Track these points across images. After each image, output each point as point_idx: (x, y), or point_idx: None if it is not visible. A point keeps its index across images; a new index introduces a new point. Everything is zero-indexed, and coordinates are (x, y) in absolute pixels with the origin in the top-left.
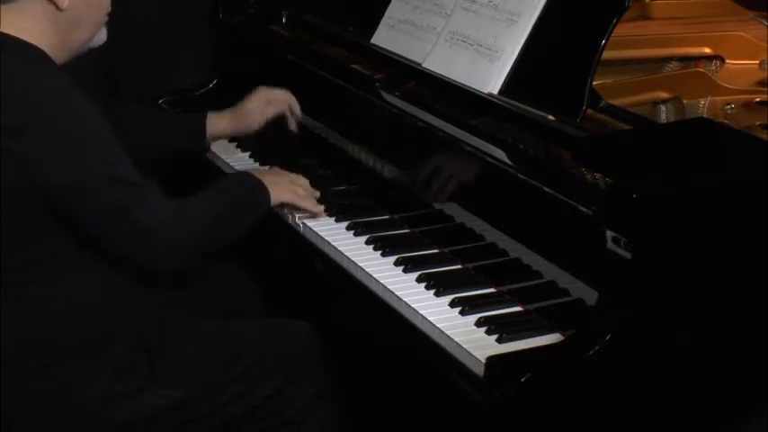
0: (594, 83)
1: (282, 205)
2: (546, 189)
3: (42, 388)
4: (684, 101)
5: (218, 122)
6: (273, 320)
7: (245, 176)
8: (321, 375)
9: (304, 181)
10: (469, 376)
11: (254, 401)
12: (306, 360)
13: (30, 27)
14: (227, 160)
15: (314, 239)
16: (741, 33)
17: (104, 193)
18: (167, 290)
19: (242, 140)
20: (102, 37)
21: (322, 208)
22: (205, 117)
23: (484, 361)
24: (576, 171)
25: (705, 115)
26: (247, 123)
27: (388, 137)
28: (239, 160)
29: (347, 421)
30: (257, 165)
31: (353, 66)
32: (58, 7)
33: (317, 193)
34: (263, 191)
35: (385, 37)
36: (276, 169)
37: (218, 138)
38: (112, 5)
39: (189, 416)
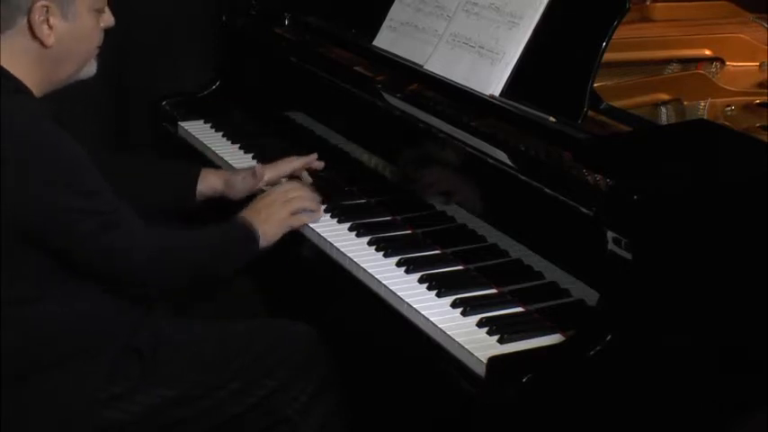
0: (595, 84)
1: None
2: (547, 190)
3: (32, 392)
4: (685, 102)
5: (211, 179)
6: (271, 320)
7: (235, 222)
8: (320, 375)
9: (299, 190)
10: (471, 376)
11: (252, 400)
12: (304, 360)
13: (12, 62)
14: (228, 160)
15: (316, 240)
16: (741, 35)
17: (77, 223)
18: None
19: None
20: (91, 69)
21: (321, 213)
22: (198, 171)
23: (485, 361)
24: (577, 172)
25: (705, 117)
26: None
27: (390, 138)
28: (240, 160)
29: (347, 421)
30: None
31: (355, 68)
32: (43, 44)
33: (318, 197)
34: (250, 238)
35: (387, 39)
36: (269, 194)
37: (207, 196)
38: (114, 8)
39: (184, 414)
